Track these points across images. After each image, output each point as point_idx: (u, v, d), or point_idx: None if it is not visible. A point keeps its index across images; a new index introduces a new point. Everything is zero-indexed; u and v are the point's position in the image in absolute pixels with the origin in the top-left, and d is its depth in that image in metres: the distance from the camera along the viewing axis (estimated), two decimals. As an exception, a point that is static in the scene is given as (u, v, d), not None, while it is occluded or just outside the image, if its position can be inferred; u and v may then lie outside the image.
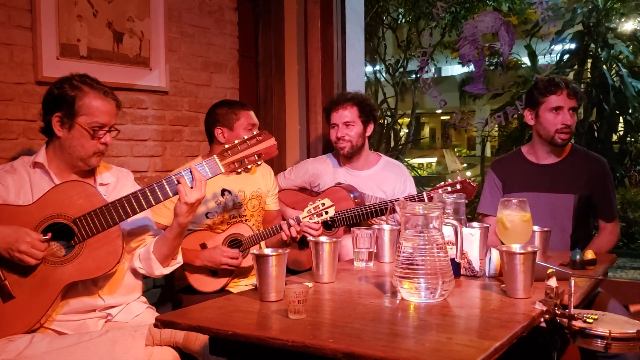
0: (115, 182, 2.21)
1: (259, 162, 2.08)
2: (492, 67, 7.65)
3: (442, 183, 2.52)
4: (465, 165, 14.36)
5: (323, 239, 1.86)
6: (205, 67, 3.38)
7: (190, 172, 1.99)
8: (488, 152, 12.31)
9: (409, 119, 9.51)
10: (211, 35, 3.41)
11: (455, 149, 17.54)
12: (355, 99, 2.90)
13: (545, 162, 2.70)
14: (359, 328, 1.37)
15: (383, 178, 2.91)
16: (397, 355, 1.18)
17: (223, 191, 2.58)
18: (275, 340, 1.32)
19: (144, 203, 1.99)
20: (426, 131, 20.29)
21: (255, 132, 2.09)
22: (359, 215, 2.64)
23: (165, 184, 2.00)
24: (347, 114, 2.87)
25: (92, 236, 1.97)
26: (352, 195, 2.76)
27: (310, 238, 1.90)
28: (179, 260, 2.19)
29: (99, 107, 2.04)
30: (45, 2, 2.57)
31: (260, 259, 1.63)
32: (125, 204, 1.98)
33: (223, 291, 2.48)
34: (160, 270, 2.13)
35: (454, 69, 14.84)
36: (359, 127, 2.87)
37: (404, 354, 1.18)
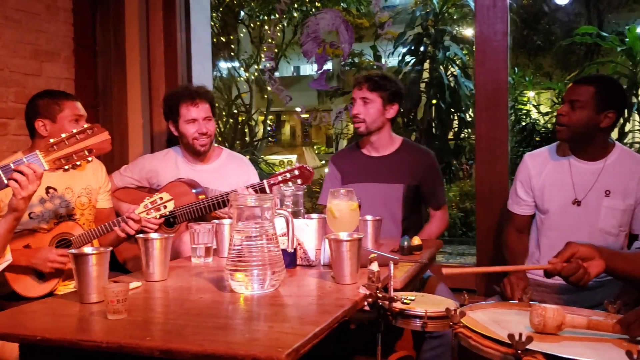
0: None
1: (89, 159, 1.95)
2: (347, 68, 7.94)
3: (281, 170, 2.54)
4: (323, 162, 14.74)
5: (153, 235, 1.79)
6: (34, 55, 3.13)
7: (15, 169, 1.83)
8: (343, 149, 12.72)
9: (265, 117, 9.57)
10: (41, 21, 3.17)
11: (315, 147, 17.93)
12: (206, 94, 2.80)
13: (377, 154, 2.84)
14: (182, 324, 1.33)
15: (226, 171, 2.87)
16: (214, 347, 1.16)
17: (48, 189, 2.39)
18: (88, 342, 1.24)
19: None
20: (287, 129, 20.55)
21: (85, 125, 1.95)
22: (201, 208, 2.57)
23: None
24: (207, 108, 2.78)
25: None
26: (194, 191, 2.68)
27: (140, 236, 1.82)
28: (7, 258, 2.00)
29: None
30: None
31: (79, 258, 1.53)
32: None
33: (51, 295, 2.30)
34: None
35: (313, 68, 15.14)
36: (214, 122, 2.82)
37: (222, 346, 1.16)
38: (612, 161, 2.39)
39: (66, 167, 1.91)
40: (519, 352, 1.18)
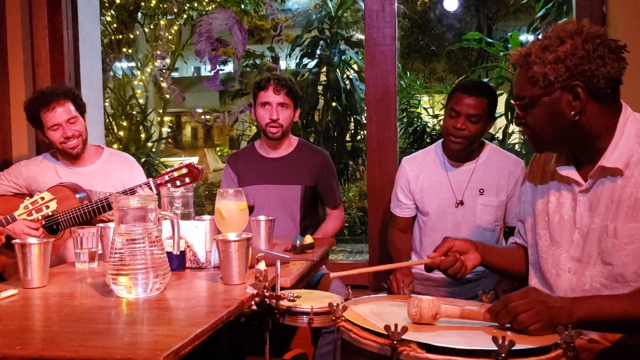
0: None
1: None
2: (248, 69, 7.90)
3: (168, 169, 2.47)
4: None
5: (31, 239, 1.71)
6: None
7: None
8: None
9: (161, 117, 9.32)
10: None
11: (218, 148, 17.72)
12: (66, 93, 2.65)
13: (273, 155, 2.85)
14: (57, 331, 1.29)
15: (109, 171, 2.77)
16: (89, 353, 1.13)
17: None
18: (-51, 355, 1.17)
19: None
20: (188, 130, 20.15)
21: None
22: (85, 213, 2.47)
23: None
24: (69, 109, 2.64)
25: None
26: (77, 196, 2.57)
27: (16, 241, 1.73)
28: None
29: None
30: None
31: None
32: None
33: None
34: None
35: (207, 68, 14.92)
36: (81, 120, 2.70)
37: (98, 351, 1.13)
38: (483, 161, 2.52)
39: None
40: (395, 342, 1.23)
